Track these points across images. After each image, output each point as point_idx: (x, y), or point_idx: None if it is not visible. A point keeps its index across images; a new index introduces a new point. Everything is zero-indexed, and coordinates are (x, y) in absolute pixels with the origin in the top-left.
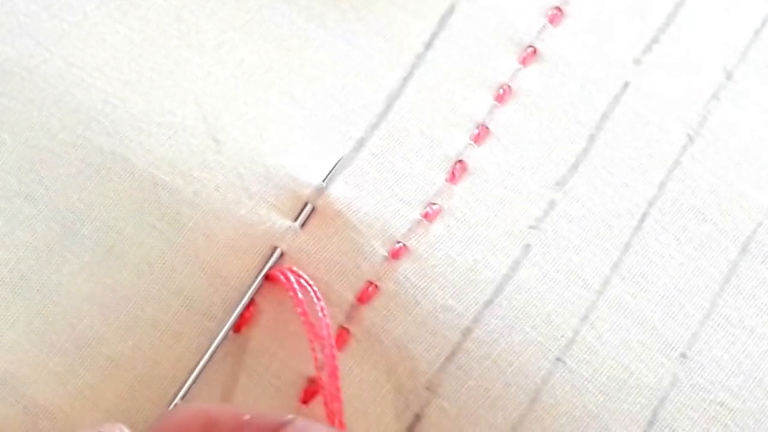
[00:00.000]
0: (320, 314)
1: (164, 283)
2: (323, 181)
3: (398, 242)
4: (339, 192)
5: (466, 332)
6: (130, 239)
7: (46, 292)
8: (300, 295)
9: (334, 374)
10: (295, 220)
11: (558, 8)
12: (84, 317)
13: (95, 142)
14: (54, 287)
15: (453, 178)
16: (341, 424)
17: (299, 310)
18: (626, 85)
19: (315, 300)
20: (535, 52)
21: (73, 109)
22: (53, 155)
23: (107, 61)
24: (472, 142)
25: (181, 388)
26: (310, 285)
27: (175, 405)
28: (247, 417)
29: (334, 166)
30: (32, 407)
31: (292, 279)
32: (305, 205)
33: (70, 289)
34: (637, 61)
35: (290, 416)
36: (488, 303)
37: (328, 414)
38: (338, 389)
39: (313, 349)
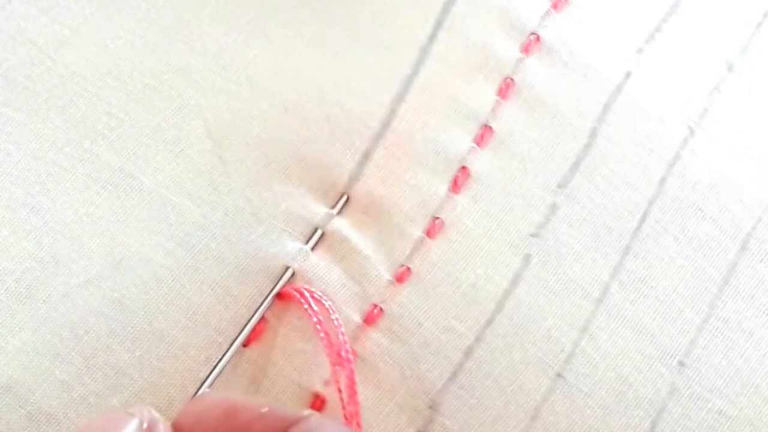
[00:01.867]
0: (335, 323)
1: (172, 299)
2: (332, 209)
3: (402, 265)
4: (347, 218)
5: (468, 352)
6: (138, 256)
7: (52, 302)
8: (315, 307)
9: (351, 379)
10: (306, 243)
11: None
12: (90, 329)
13: (102, 158)
14: (60, 298)
15: (456, 186)
16: (359, 426)
17: (314, 320)
18: (628, 74)
19: (330, 311)
20: (538, 39)
21: (78, 121)
22: (60, 168)
23: (110, 69)
24: (475, 145)
25: (189, 397)
26: (323, 299)
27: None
28: (265, 409)
29: (345, 202)
30: (36, 413)
31: (306, 294)
32: (315, 230)
33: (77, 301)
34: (639, 51)
35: (307, 412)
36: (489, 321)
37: (345, 417)
38: (355, 392)
39: (330, 359)
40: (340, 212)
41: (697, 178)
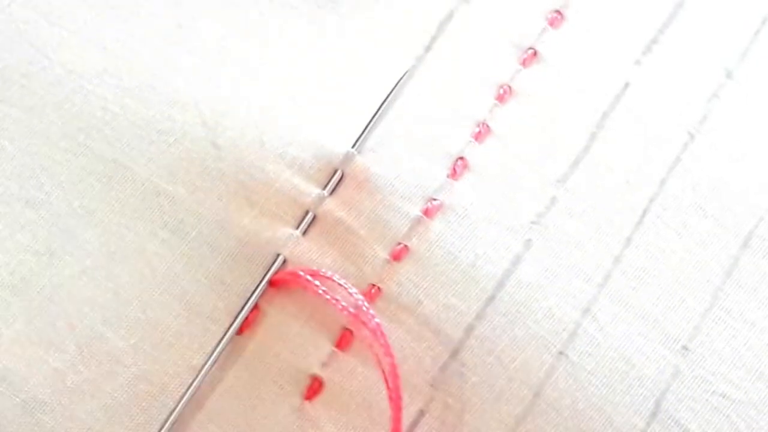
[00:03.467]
0: (348, 287)
1: (167, 287)
2: (324, 189)
3: (399, 243)
4: (339, 198)
5: (469, 329)
6: (132, 246)
7: (46, 293)
8: (317, 283)
9: (378, 330)
10: (297, 227)
11: (558, 11)
12: (84, 318)
13: (96, 150)
14: (54, 289)
15: (454, 174)
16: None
17: (321, 289)
18: (627, 85)
19: (337, 282)
20: (535, 54)
21: (73, 116)
22: (54, 162)
23: (107, 68)
24: (473, 140)
25: (183, 384)
26: (323, 275)
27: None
28: None
29: (339, 180)
30: (31, 401)
31: (301, 273)
32: (306, 213)
33: (71, 291)
34: (637, 62)
35: None
36: (490, 299)
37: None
38: (385, 336)
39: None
40: (332, 192)
41: (698, 181)
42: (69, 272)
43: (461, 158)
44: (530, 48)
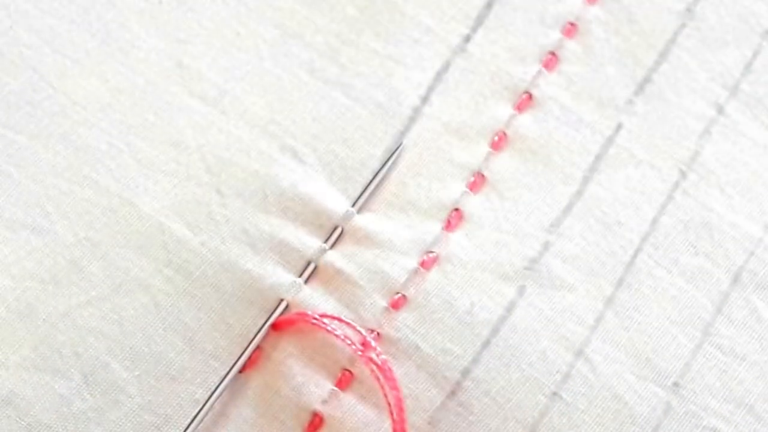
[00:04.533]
0: (355, 325)
1: (171, 323)
2: (325, 243)
3: (397, 293)
4: (339, 251)
5: (466, 372)
6: (137, 280)
7: (52, 321)
8: (326, 321)
9: (385, 368)
10: (299, 276)
11: (552, 53)
12: (90, 347)
13: (102, 184)
14: (60, 318)
15: (449, 226)
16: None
17: (329, 326)
18: (619, 126)
19: (343, 323)
20: (530, 97)
21: (78, 148)
22: (60, 192)
23: (110, 102)
24: (467, 190)
25: (186, 416)
26: (330, 315)
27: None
28: None
29: (339, 236)
30: (36, 426)
31: (310, 313)
32: (308, 263)
33: (77, 321)
34: (629, 102)
35: None
36: (485, 344)
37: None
38: (391, 371)
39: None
40: (333, 246)
41: (690, 218)
42: (75, 302)
43: (456, 209)
44: (525, 92)
